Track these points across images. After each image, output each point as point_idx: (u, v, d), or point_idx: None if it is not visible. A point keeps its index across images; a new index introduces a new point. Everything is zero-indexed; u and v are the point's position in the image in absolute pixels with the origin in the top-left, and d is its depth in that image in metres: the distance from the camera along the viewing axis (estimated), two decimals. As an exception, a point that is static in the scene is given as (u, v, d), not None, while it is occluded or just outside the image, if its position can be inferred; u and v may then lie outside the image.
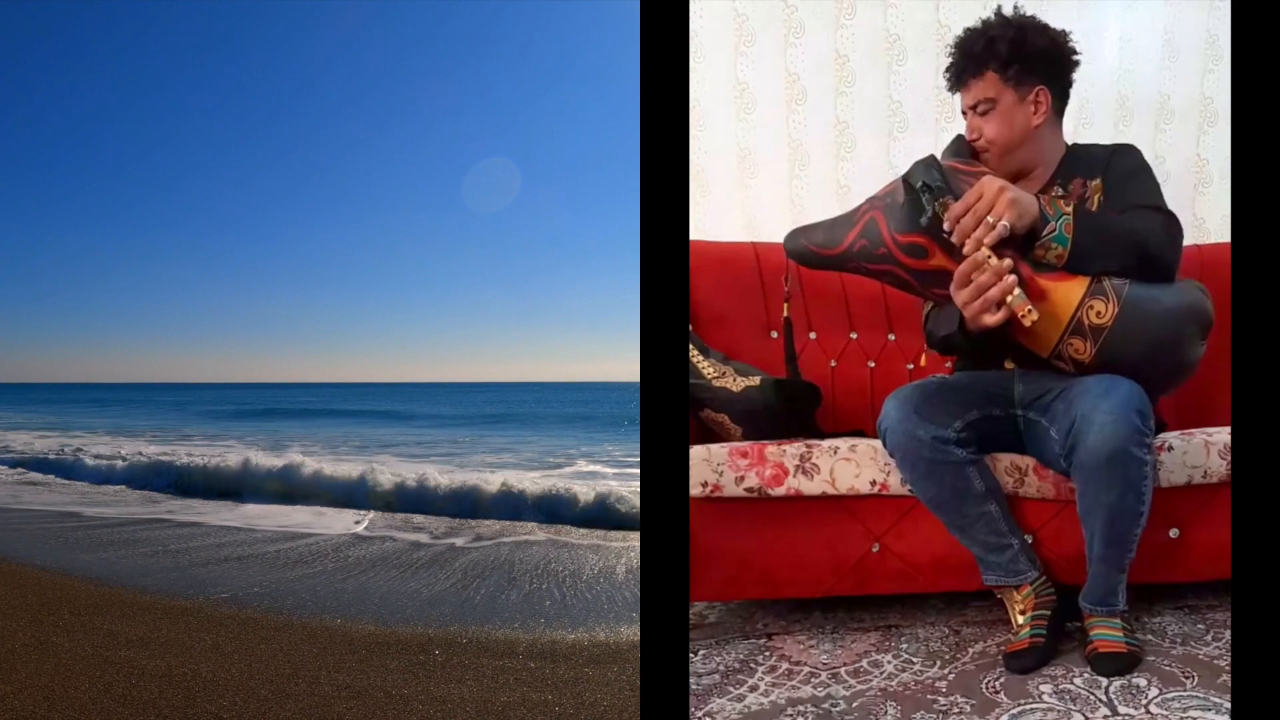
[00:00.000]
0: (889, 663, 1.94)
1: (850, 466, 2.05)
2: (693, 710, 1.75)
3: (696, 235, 2.72)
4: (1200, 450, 2.00)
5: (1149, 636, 1.96)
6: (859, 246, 1.96)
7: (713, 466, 2.06)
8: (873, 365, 2.68)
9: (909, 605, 2.26)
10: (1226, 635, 1.95)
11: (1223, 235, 3.02)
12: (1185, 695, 1.67)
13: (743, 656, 2.02)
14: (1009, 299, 1.76)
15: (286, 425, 19.93)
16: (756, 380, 2.35)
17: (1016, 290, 1.76)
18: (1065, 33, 2.03)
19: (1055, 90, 2.03)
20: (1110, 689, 1.72)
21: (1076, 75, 2.08)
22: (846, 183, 2.90)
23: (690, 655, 2.03)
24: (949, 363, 2.35)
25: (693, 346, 2.45)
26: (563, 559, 4.55)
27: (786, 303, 2.44)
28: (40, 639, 2.84)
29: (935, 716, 1.67)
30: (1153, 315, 1.79)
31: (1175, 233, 1.87)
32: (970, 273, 1.79)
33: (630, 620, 3.25)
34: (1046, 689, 1.74)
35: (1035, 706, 1.67)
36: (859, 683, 1.85)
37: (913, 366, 2.66)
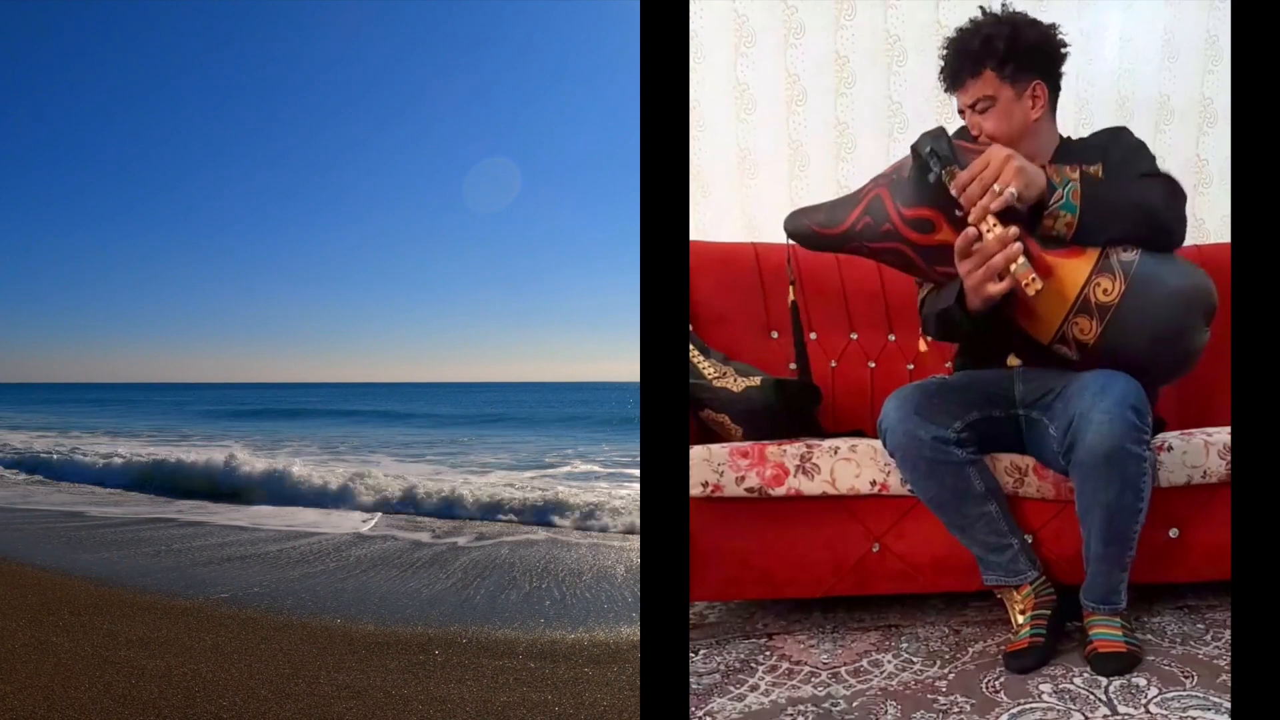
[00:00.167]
0: (889, 662, 1.94)
1: (850, 466, 2.05)
2: (693, 710, 1.75)
3: (696, 235, 2.72)
4: (1200, 450, 2.00)
5: (1149, 636, 1.96)
6: (862, 225, 1.95)
7: (713, 466, 2.06)
8: (873, 365, 2.68)
9: (909, 605, 2.26)
10: (1226, 635, 1.95)
11: (1223, 235, 3.02)
12: (1185, 695, 1.67)
13: (743, 656, 2.02)
14: (1013, 267, 1.75)
15: (285, 425, 19.93)
16: (757, 380, 2.35)
17: (1021, 259, 1.75)
18: (1054, 25, 2.04)
19: (1049, 83, 2.04)
20: (1110, 689, 1.72)
21: (1075, 74, 2.08)
22: (846, 183, 2.90)
23: (690, 655, 2.03)
24: (948, 362, 2.35)
25: (693, 347, 2.45)
26: (563, 559, 4.55)
27: (792, 285, 2.41)
28: (40, 639, 2.84)
29: (935, 716, 1.68)
30: (1159, 297, 1.78)
31: (1177, 197, 1.87)
32: (975, 240, 1.78)
33: (630, 620, 3.25)
34: (1046, 688, 1.74)
35: (1035, 706, 1.68)
36: (859, 682, 1.85)
37: (913, 367, 2.66)
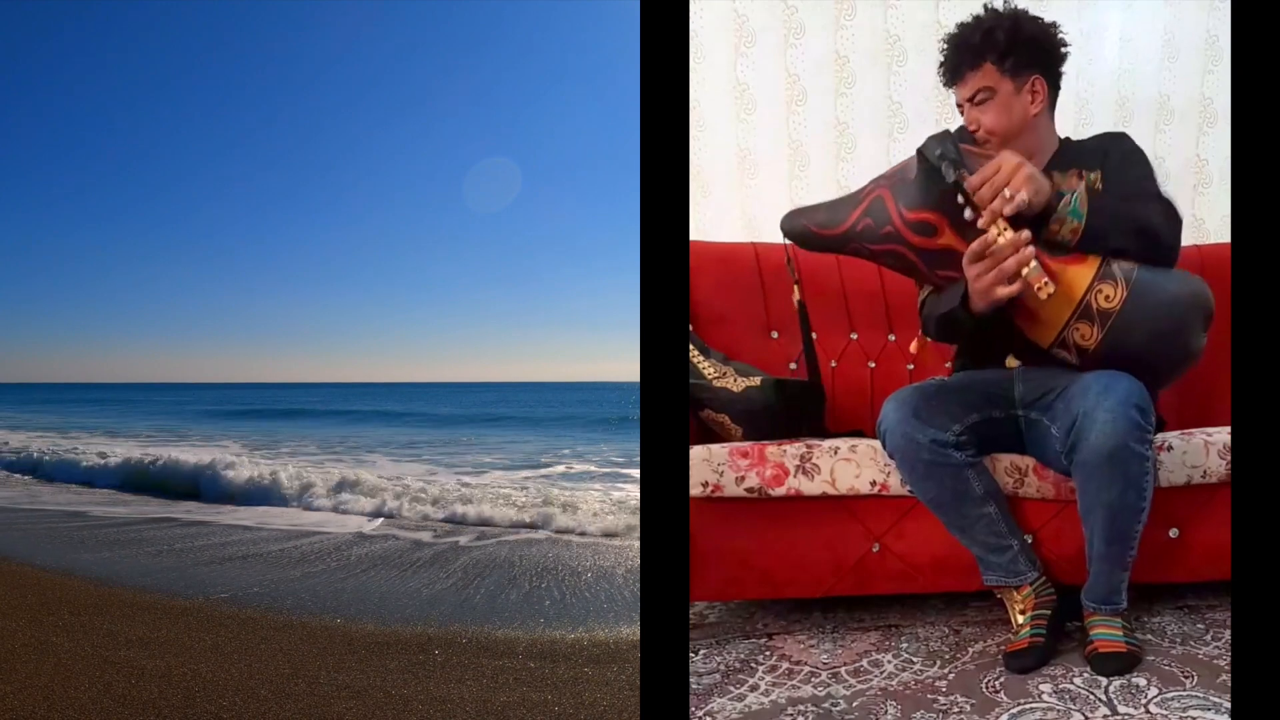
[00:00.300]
0: (889, 662, 1.94)
1: (850, 467, 2.05)
2: (693, 710, 1.75)
3: (696, 235, 2.72)
4: (1200, 450, 2.00)
5: (1149, 636, 1.96)
6: (862, 226, 1.95)
7: (713, 466, 2.06)
8: (873, 365, 2.68)
9: (909, 605, 2.26)
10: (1226, 635, 1.95)
11: (1223, 235, 3.02)
12: (1185, 695, 1.67)
13: (743, 656, 2.03)
14: (1025, 271, 1.76)
15: (283, 425, 19.94)
16: (757, 380, 2.35)
17: (1033, 263, 1.75)
18: (1054, 23, 2.05)
19: (1049, 80, 2.04)
20: (1110, 689, 1.72)
21: (1074, 74, 2.09)
22: (846, 183, 2.90)
23: (690, 655, 2.03)
24: (948, 363, 2.35)
25: (693, 347, 2.45)
26: (563, 558, 4.55)
27: (797, 285, 2.40)
28: (40, 639, 2.84)
29: (935, 716, 1.68)
30: (1159, 303, 1.79)
31: (1174, 218, 1.88)
32: (986, 244, 1.79)
33: (630, 620, 3.25)
34: (1046, 688, 1.74)
35: (1035, 706, 1.68)
36: (859, 682, 1.85)
37: (913, 367, 2.66)
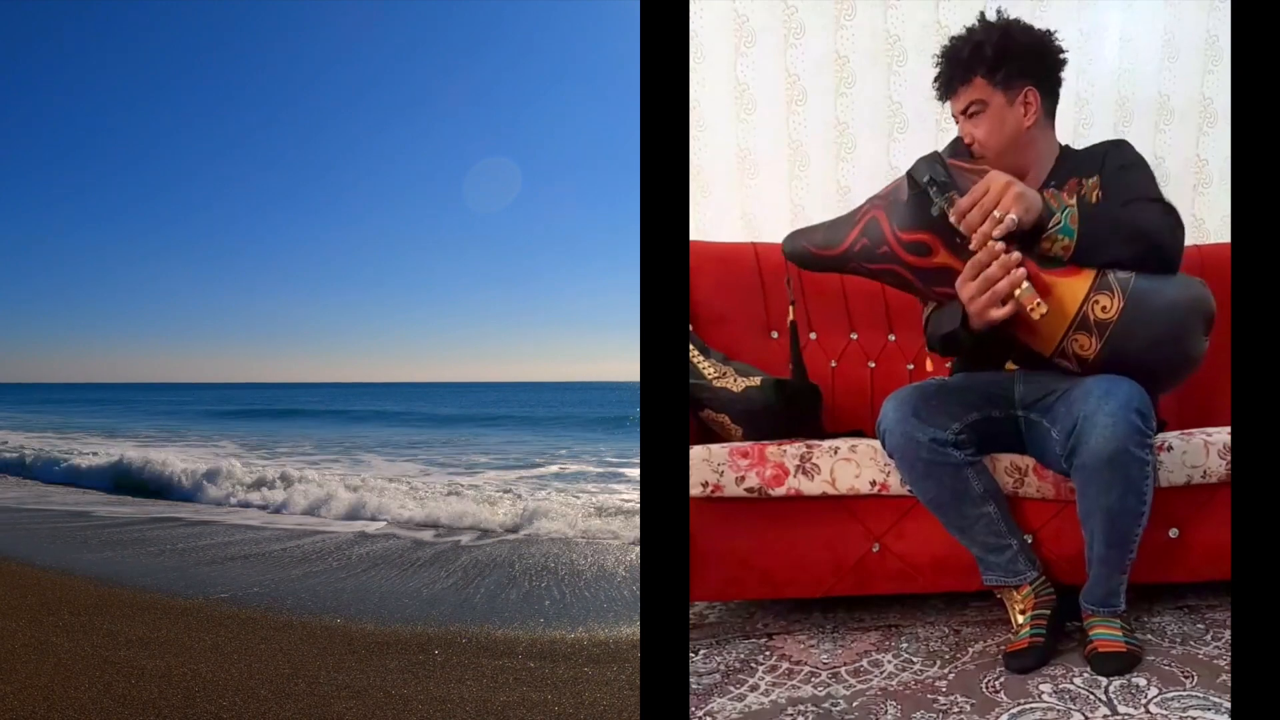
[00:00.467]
0: (889, 662, 1.94)
1: (850, 467, 2.05)
2: (693, 710, 1.75)
3: (696, 235, 2.72)
4: (1200, 450, 2.00)
5: (1149, 636, 1.96)
6: (860, 246, 1.96)
7: (713, 466, 2.06)
8: (873, 365, 2.68)
9: (909, 605, 2.26)
10: (1226, 635, 1.95)
11: (1223, 235, 3.02)
12: (1185, 695, 1.68)
13: (743, 656, 2.03)
14: (1017, 292, 1.76)
15: (282, 425, 19.96)
16: (757, 380, 2.35)
17: (1025, 284, 1.76)
18: (1050, 32, 2.03)
19: (1044, 90, 2.03)
20: (1110, 689, 1.72)
21: (1074, 74, 2.08)
22: (846, 183, 2.90)
23: (690, 655, 2.03)
24: (948, 363, 2.35)
25: (693, 346, 2.45)
26: (563, 558, 4.55)
27: (792, 305, 2.43)
28: (40, 639, 2.84)
29: (935, 716, 1.68)
30: (1157, 309, 1.78)
31: (1176, 223, 1.86)
32: (978, 268, 1.79)
33: (630, 620, 3.25)
34: (1046, 688, 1.74)
35: (1035, 706, 1.68)
36: (859, 682, 1.85)
37: (913, 366, 2.66)
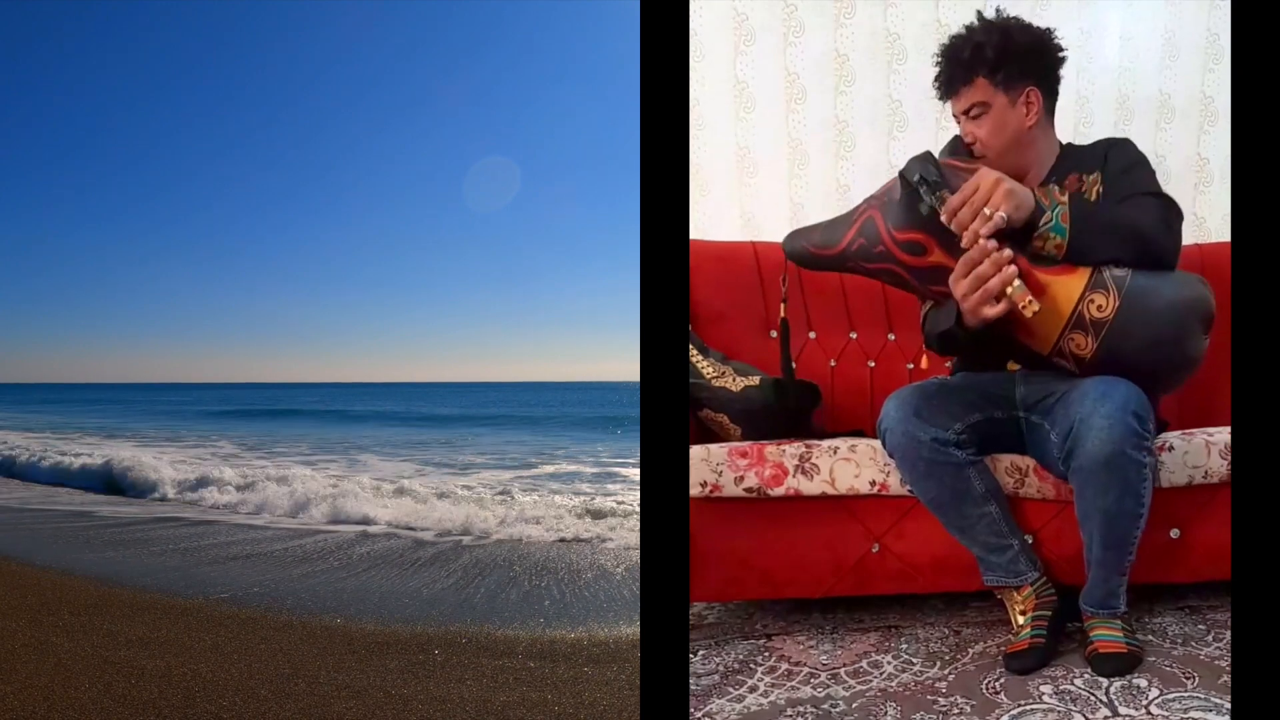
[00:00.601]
0: (889, 663, 1.93)
1: (850, 466, 2.04)
2: (692, 710, 1.74)
3: (696, 234, 2.72)
4: (1201, 450, 1.99)
5: (1149, 637, 1.96)
6: (857, 246, 1.96)
7: (712, 466, 2.06)
8: (873, 365, 2.67)
9: (909, 605, 2.26)
10: (1227, 636, 1.94)
11: (1223, 235, 3.02)
12: (1186, 696, 1.67)
13: (742, 657, 2.02)
14: (1009, 290, 1.75)
15: (281, 426, 19.98)
16: (756, 380, 2.34)
17: (1016, 281, 1.75)
18: (1049, 30, 2.02)
19: (1045, 89, 2.02)
20: (1111, 690, 1.72)
21: (1074, 73, 2.07)
22: (846, 182, 2.89)
23: (690, 655, 2.03)
24: (949, 363, 2.35)
25: (692, 346, 2.44)
26: (563, 558, 4.55)
27: (783, 304, 2.43)
28: (40, 639, 2.84)
29: (935, 717, 1.67)
30: (1154, 308, 1.77)
31: (1174, 218, 1.85)
32: (969, 266, 1.78)
33: (630, 620, 3.25)
34: (1047, 690, 1.74)
35: (1035, 707, 1.67)
36: (859, 683, 1.84)
37: (913, 366, 2.65)
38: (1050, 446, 1.88)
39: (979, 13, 2.00)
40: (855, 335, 2.69)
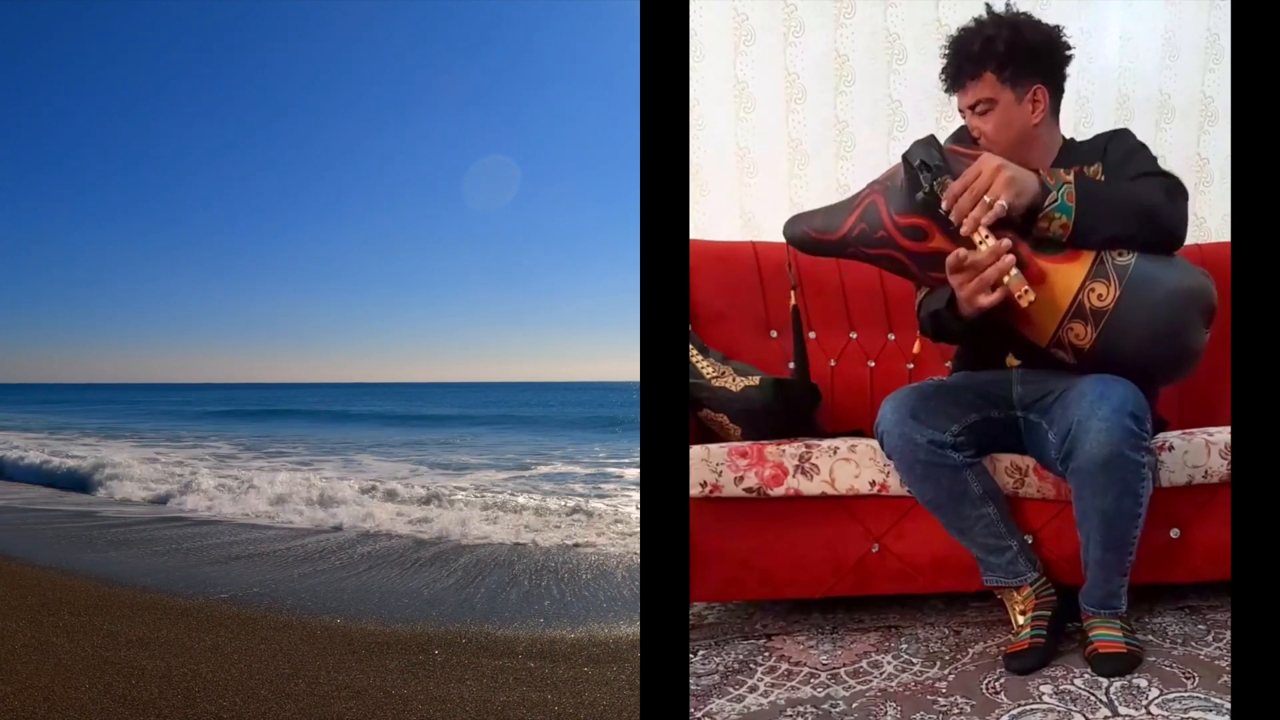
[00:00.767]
0: (889, 663, 1.93)
1: (850, 467, 2.05)
2: (692, 710, 1.74)
3: (696, 234, 2.72)
4: (1201, 450, 1.99)
5: (1149, 637, 1.96)
6: (858, 231, 1.95)
7: (712, 466, 2.06)
8: (872, 365, 2.67)
9: (909, 605, 2.26)
10: (1227, 636, 1.94)
11: (1223, 234, 3.02)
12: (1186, 696, 1.67)
13: (742, 657, 2.02)
14: (1006, 279, 1.75)
15: (281, 426, 20.00)
16: (756, 380, 2.34)
17: (1014, 270, 1.74)
18: (1058, 27, 2.02)
19: (1051, 87, 2.02)
20: (1111, 690, 1.72)
21: (1075, 72, 2.07)
22: (846, 182, 2.89)
23: (690, 655, 2.03)
24: (947, 362, 2.35)
25: (692, 346, 2.44)
26: (563, 557, 4.55)
27: (794, 290, 2.41)
28: (40, 639, 2.84)
29: (935, 717, 1.67)
30: (1155, 299, 1.76)
31: (1178, 194, 1.84)
32: (967, 253, 1.77)
33: (630, 620, 3.25)
34: (1047, 690, 1.74)
35: (1035, 707, 1.67)
36: (859, 683, 1.84)
37: (912, 366, 2.65)
38: (1048, 446, 1.88)
39: (988, 6, 2.00)
40: (855, 335, 2.69)
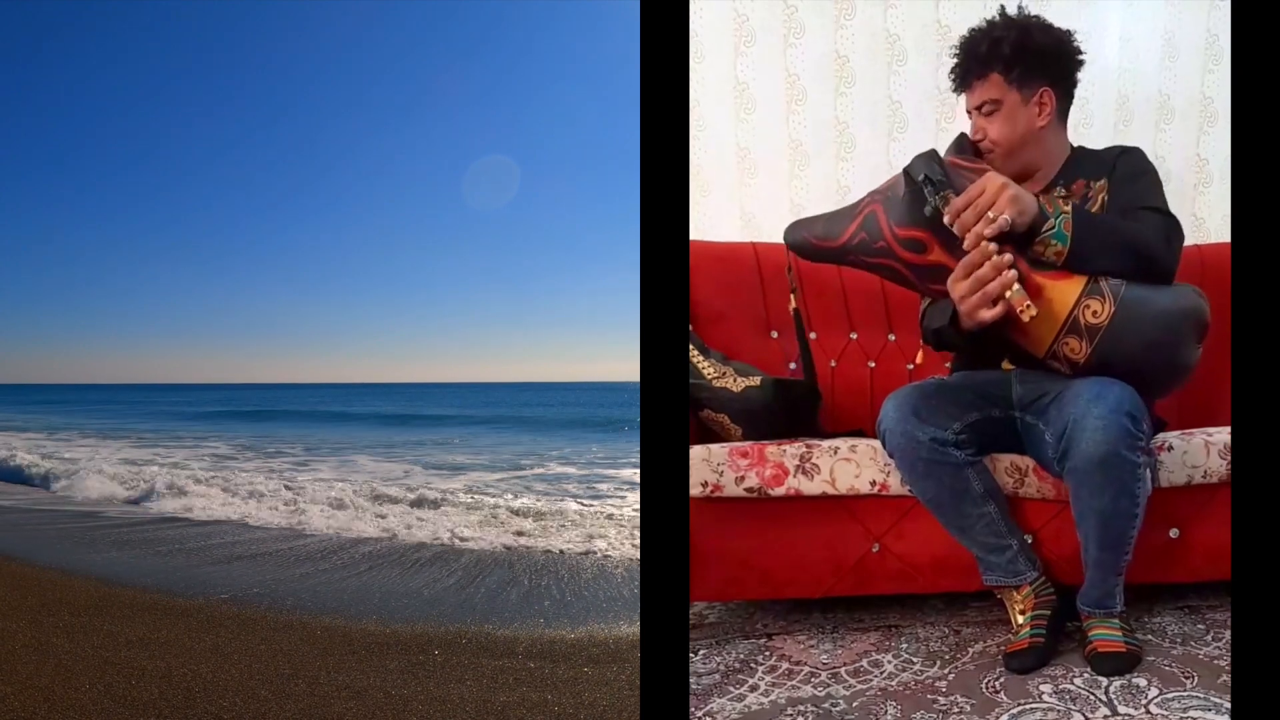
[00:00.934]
0: (889, 663, 1.94)
1: (850, 467, 2.05)
2: (693, 710, 1.75)
3: (696, 235, 2.72)
4: (1200, 450, 2.00)
5: (1149, 636, 1.96)
6: (858, 240, 1.97)
7: (713, 466, 2.06)
8: (873, 365, 2.68)
9: (909, 605, 2.26)
10: (1226, 635, 1.95)
11: (1223, 235, 3.02)
12: (1185, 695, 1.67)
13: (743, 656, 2.02)
14: (1008, 294, 1.76)
15: (280, 427, 20.00)
16: (756, 380, 2.35)
17: (1016, 285, 1.76)
18: (1070, 32, 2.02)
19: (1059, 91, 2.02)
20: (1110, 689, 1.72)
21: (1079, 75, 2.07)
22: (846, 183, 2.90)
23: (691, 655, 2.03)
24: (947, 363, 2.35)
25: (692, 346, 2.45)
26: (563, 557, 4.55)
27: (794, 293, 2.42)
28: (41, 640, 2.84)
29: (935, 716, 1.68)
30: (1148, 317, 1.79)
31: (1175, 236, 1.87)
32: (970, 268, 1.79)
33: (630, 620, 3.25)
34: (1046, 689, 1.74)
35: (1035, 706, 1.67)
36: (859, 683, 1.85)
37: (913, 366, 2.66)
38: (1045, 446, 1.89)
39: (1002, 7, 2.01)
40: (855, 336, 2.70)
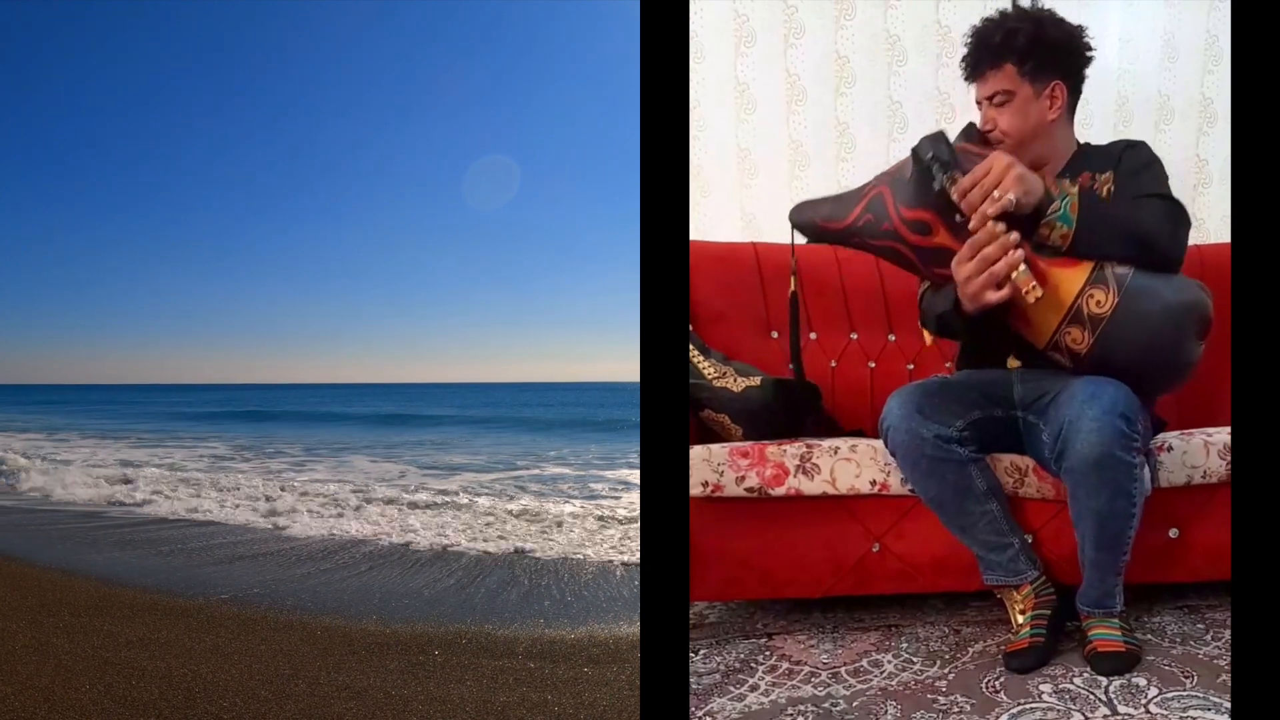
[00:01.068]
0: (889, 662, 1.94)
1: (850, 466, 2.05)
2: (693, 710, 1.75)
3: (696, 235, 2.73)
4: (1200, 450, 2.00)
5: (1149, 636, 1.96)
6: (864, 221, 1.97)
7: (713, 466, 2.06)
8: (873, 365, 2.68)
9: (909, 605, 2.26)
10: (1226, 635, 1.95)
11: (1223, 235, 3.02)
12: (1185, 695, 1.68)
13: (743, 656, 2.03)
14: (1014, 275, 1.75)
15: (279, 427, 19.98)
16: (757, 380, 2.35)
17: (1022, 266, 1.75)
18: (1081, 27, 2.03)
19: (1070, 85, 2.03)
20: (1110, 688, 1.72)
21: (1086, 72, 2.08)
22: (846, 183, 2.89)
23: (691, 655, 2.03)
24: (949, 362, 2.35)
25: (693, 346, 2.45)
26: (563, 558, 4.54)
27: (794, 276, 2.40)
28: (40, 640, 2.83)
29: (935, 716, 1.68)
30: (1152, 310, 1.78)
31: (1180, 221, 1.85)
32: (976, 248, 1.78)
33: (630, 619, 3.25)
34: (1046, 688, 1.74)
35: (1035, 706, 1.68)
36: (859, 682, 1.85)
37: (913, 366, 2.66)
38: (1043, 447, 1.89)
39: (1014, 1, 2.01)
40: (855, 336, 2.70)
